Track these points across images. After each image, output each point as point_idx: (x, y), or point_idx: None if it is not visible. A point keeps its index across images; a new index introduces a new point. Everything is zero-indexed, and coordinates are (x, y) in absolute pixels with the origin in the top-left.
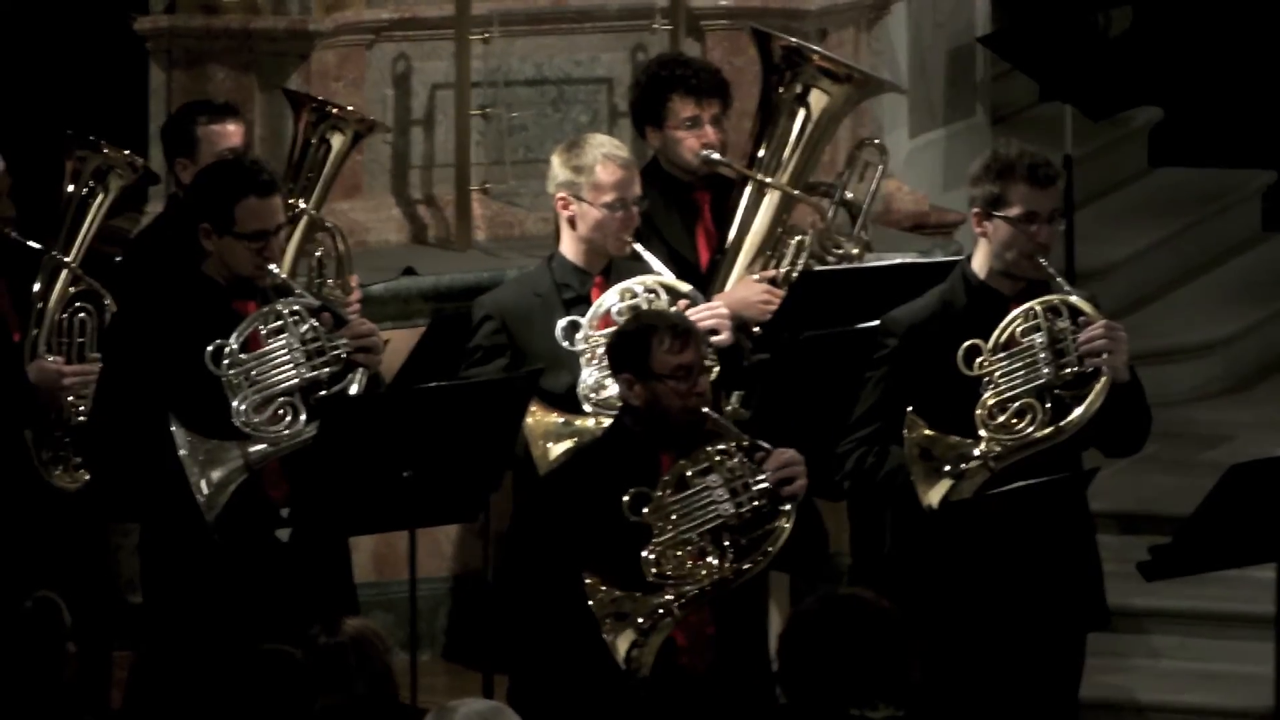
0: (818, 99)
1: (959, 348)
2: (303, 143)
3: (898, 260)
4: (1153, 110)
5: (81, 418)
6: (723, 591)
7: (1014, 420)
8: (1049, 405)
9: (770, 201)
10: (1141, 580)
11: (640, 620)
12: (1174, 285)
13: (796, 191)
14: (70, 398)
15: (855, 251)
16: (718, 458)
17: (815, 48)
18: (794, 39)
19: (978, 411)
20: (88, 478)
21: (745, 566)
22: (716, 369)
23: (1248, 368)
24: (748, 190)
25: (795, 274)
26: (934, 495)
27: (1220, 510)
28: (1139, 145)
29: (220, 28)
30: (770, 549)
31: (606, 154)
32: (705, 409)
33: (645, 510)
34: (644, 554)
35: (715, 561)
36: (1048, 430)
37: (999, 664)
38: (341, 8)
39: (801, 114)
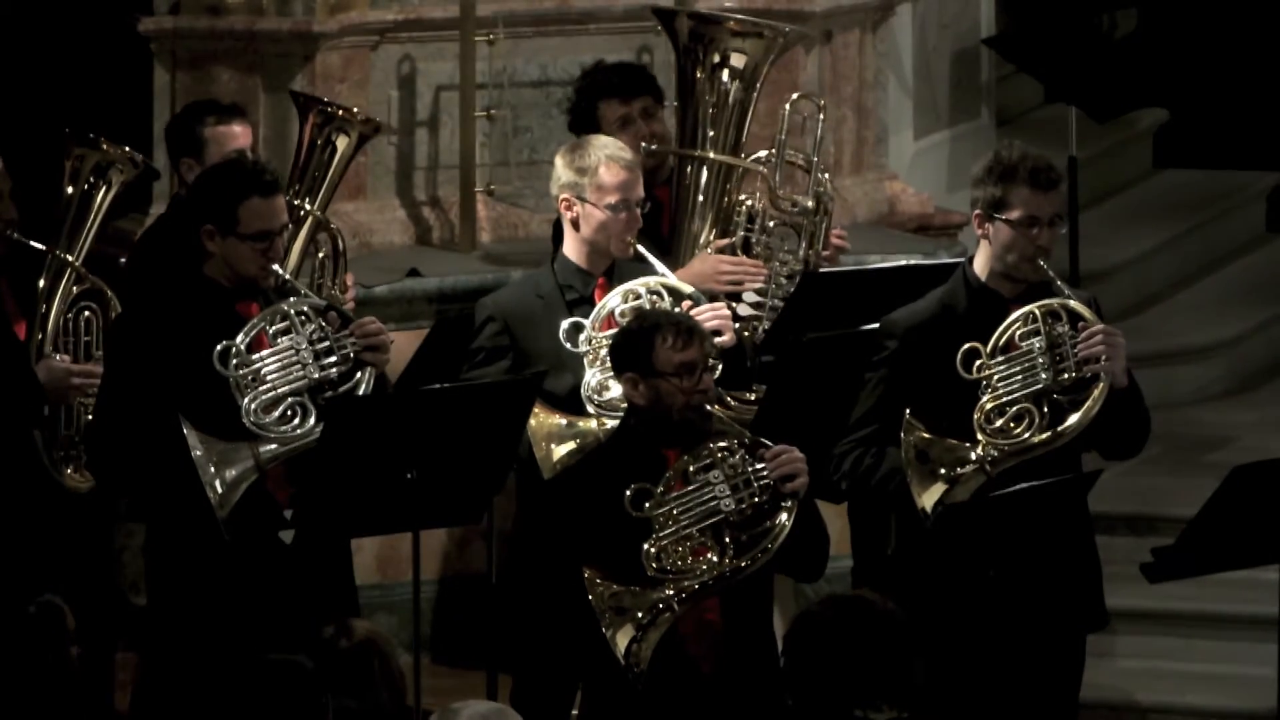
0: (737, 61)
1: (958, 350)
2: (309, 144)
3: (902, 262)
4: (1158, 112)
5: (90, 416)
6: (722, 587)
7: (1011, 425)
8: (1046, 410)
9: (712, 173)
10: (1145, 582)
11: (640, 615)
12: (1178, 287)
13: (736, 161)
14: (79, 397)
15: (810, 205)
16: (720, 454)
17: (725, 14)
18: (702, 9)
19: (975, 415)
20: None
21: (745, 563)
22: (719, 367)
23: (1252, 369)
24: (688, 168)
25: (753, 239)
26: (928, 499)
27: (1224, 512)
28: (1144, 147)
29: (225, 29)
30: (771, 545)
31: (610, 155)
32: (709, 406)
33: (647, 505)
34: (645, 547)
35: (715, 557)
36: (1045, 435)
37: (999, 665)
38: (346, 9)
39: (723, 81)
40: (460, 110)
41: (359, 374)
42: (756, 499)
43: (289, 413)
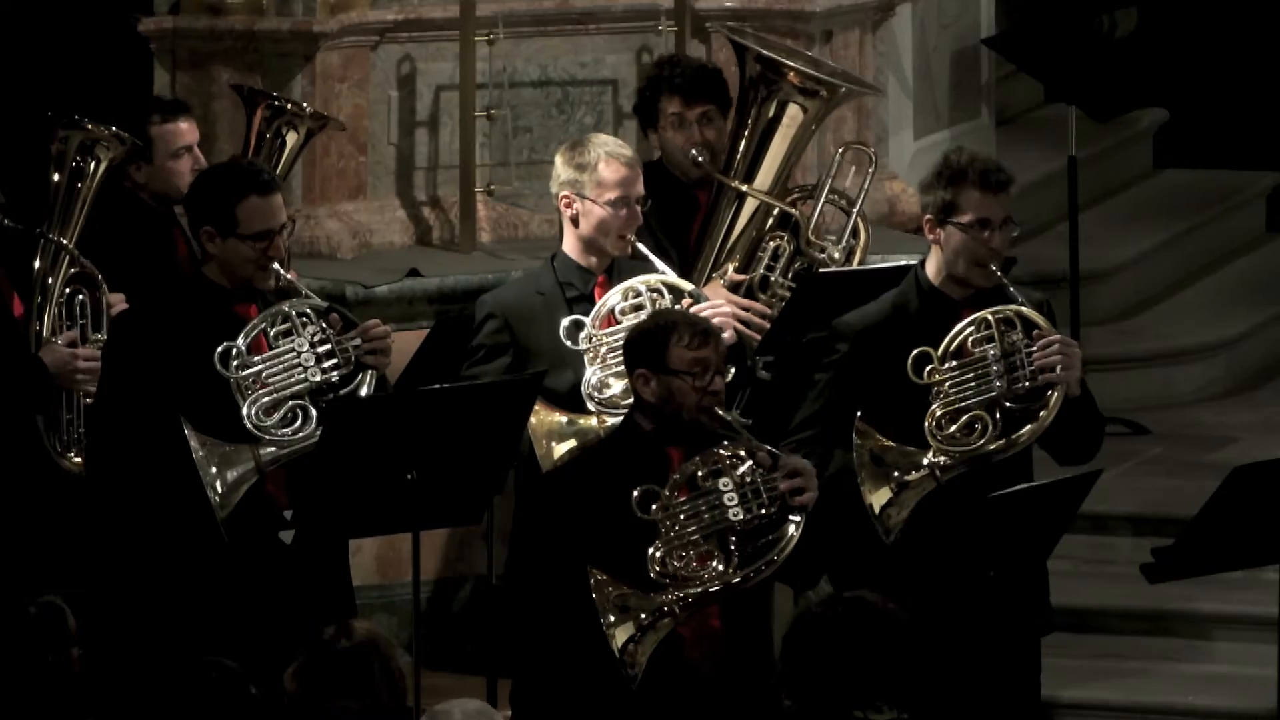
0: (794, 113)
1: (909, 354)
2: (257, 138)
3: (902, 262)
4: (1158, 112)
5: (90, 400)
6: (726, 596)
7: (964, 432)
8: (999, 417)
9: (746, 207)
10: (1145, 582)
11: (642, 616)
12: (1178, 287)
13: (772, 200)
14: (81, 376)
15: (836, 255)
16: (729, 461)
17: (790, 63)
18: (769, 52)
19: (926, 422)
20: None
21: (750, 573)
22: (733, 371)
23: (1252, 369)
24: (723, 193)
25: (773, 279)
26: (877, 499)
27: (1224, 512)
28: (1144, 147)
29: (225, 29)
30: (776, 557)
31: (610, 152)
32: (719, 410)
33: (653, 508)
34: (650, 551)
35: (720, 566)
36: (999, 443)
37: (962, 667)
38: (346, 9)
39: (778, 128)
40: (460, 110)
41: (360, 376)
42: (764, 510)
43: (290, 415)
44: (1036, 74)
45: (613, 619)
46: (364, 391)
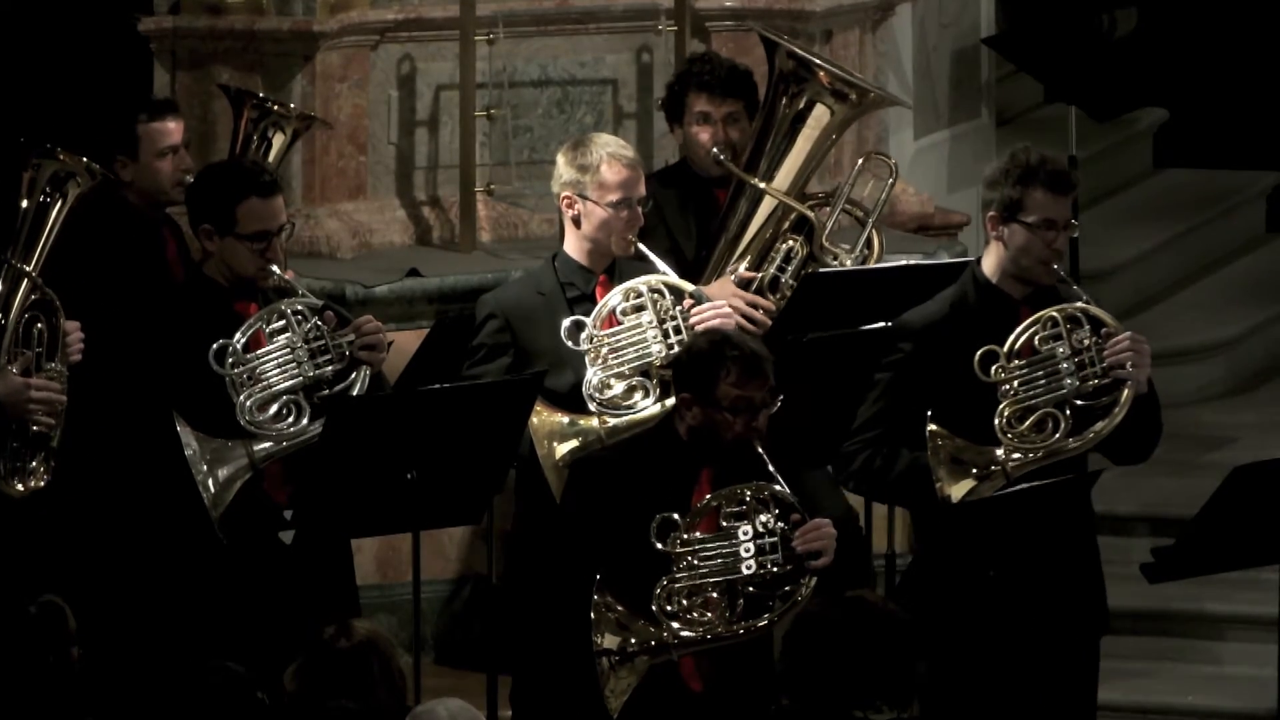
0: (820, 114)
1: (972, 350)
2: (244, 140)
3: (902, 262)
4: (1158, 111)
5: (35, 428)
6: (722, 644)
7: (1035, 430)
8: (1069, 415)
9: (764, 206)
10: (1145, 582)
11: (634, 641)
12: (1178, 286)
13: (791, 202)
14: (33, 406)
15: (849, 264)
16: (754, 505)
17: (821, 63)
18: (801, 50)
19: (996, 421)
20: (40, 485)
21: (754, 624)
22: (780, 401)
23: (1251, 369)
24: (742, 190)
25: (783, 280)
26: (957, 490)
27: (1224, 512)
28: (1144, 146)
29: (225, 28)
30: (785, 613)
31: (612, 153)
32: (759, 446)
33: (670, 537)
34: (657, 590)
35: (726, 614)
36: (1071, 441)
37: (1011, 670)
38: (346, 9)
39: (803, 128)
40: (460, 110)
41: (354, 373)
42: (777, 569)
43: (284, 410)
44: (1036, 74)
45: (604, 638)
46: (358, 389)
